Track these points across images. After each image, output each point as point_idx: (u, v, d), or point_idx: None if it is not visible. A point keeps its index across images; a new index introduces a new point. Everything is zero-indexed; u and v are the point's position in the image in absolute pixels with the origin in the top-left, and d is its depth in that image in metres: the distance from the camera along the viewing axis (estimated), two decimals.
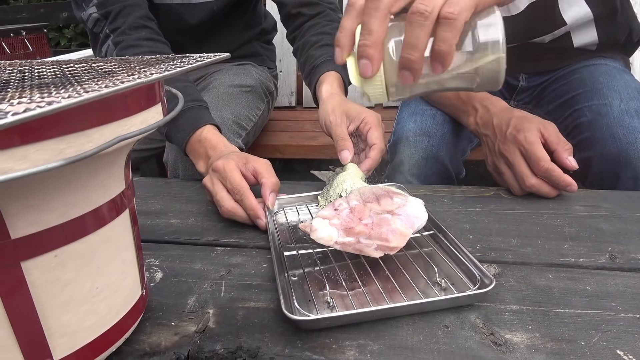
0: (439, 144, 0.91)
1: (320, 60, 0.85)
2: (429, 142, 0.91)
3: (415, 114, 0.95)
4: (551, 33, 0.99)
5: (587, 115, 0.90)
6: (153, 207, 0.71)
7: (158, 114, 0.36)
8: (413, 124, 0.93)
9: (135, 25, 0.85)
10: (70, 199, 0.33)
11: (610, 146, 0.82)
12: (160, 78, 0.32)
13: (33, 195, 0.30)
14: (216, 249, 0.58)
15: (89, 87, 0.28)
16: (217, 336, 0.43)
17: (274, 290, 0.49)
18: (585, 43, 1.03)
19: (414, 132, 0.92)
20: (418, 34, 0.41)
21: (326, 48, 0.88)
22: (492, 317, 0.43)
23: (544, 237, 0.57)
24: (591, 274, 0.50)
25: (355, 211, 0.52)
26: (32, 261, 0.31)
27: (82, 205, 0.34)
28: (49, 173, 0.29)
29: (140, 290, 0.43)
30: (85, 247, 0.35)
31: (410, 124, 0.93)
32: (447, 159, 0.91)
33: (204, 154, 0.72)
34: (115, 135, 0.31)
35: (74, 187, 0.32)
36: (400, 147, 0.93)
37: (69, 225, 0.33)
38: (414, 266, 0.50)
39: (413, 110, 0.96)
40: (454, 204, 0.67)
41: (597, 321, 0.42)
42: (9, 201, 0.29)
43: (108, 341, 0.39)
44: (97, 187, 0.35)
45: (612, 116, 0.85)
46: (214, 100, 0.97)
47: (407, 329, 0.42)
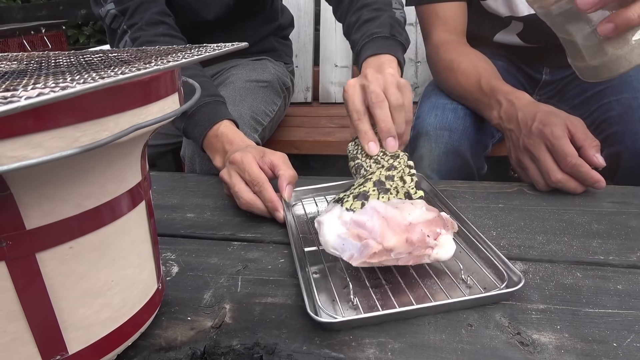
0: (460, 138, 0.88)
1: (361, 44, 0.77)
2: (450, 137, 0.88)
3: (435, 108, 0.92)
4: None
5: (617, 109, 0.86)
6: (169, 202, 0.71)
7: (175, 103, 0.35)
8: (434, 118, 0.91)
9: (153, 21, 0.84)
10: (86, 190, 0.32)
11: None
12: (177, 65, 0.31)
13: (48, 184, 0.29)
14: (232, 243, 0.58)
15: (105, 74, 0.27)
16: (234, 332, 0.42)
17: (291, 285, 0.48)
18: None
19: (435, 126, 0.90)
20: None
21: (365, 26, 0.78)
22: (518, 316, 0.41)
23: (570, 234, 0.55)
24: (622, 272, 0.47)
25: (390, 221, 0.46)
26: (47, 252, 0.31)
27: (98, 196, 0.33)
28: (64, 162, 0.28)
29: (157, 284, 0.42)
30: (101, 239, 0.34)
31: (430, 118, 0.91)
32: (468, 154, 0.89)
33: (221, 149, 0.72)
34: (131, 124, 0.30)
35: (89, 177, 0.32)
36: (420, 141, 0.91)
37: (84, 216, 0.32)
38: (439, 264, 0.48)
39: (433, 104, 0.94)
40: (475, 200, 0.65)
41: (630, 322, 0.40)
42: (24, 190, 0.28)
43: (123, 335, 0.38)
44: (113, 177, 0.34)
45: None
46: (231, 95, 0.97)
47: (429, 327, 0.41)
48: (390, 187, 0.52)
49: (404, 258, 0.44)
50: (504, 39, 1.04)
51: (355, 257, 0.44)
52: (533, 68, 1.09)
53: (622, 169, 0.84)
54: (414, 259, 0.45)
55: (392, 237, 0.44)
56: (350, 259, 0.45)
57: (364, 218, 0.46)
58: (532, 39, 1.00)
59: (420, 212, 0.46)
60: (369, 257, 0.44)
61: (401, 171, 0.55)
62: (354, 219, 0.46)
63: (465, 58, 0.90)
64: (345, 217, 0.47)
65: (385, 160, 0.58)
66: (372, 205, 0.47)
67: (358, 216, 0.46)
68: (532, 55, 1.06)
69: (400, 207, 0.47)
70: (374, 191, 0.52)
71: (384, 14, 0.78)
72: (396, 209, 0.47)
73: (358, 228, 0.45)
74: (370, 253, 0.43)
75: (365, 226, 0.45)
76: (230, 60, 1.15)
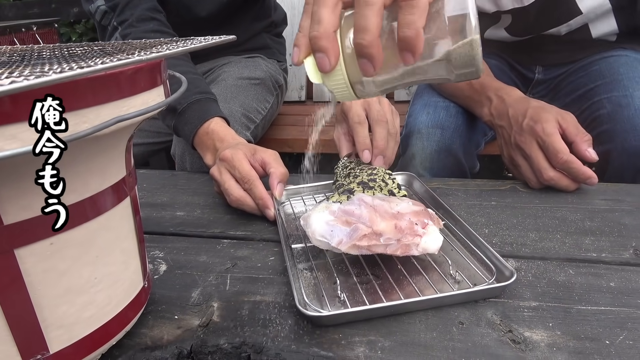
0: (452, 136, 0.88)
1: None
2: (442, 135, 0.88)
3: (427, 106, 0.92)
4: (566, 23, 0.96)
5: (607, 107, 0.87)
6: (159, 199, 0.70)
7: (160, 96, 0.35)
8: (426, 116, 0.91)
9: (143, 17, 0.83)
10: (67, 184, 0.31)
11: (632, 139, 0.79)
12: (160, 57, 0.30)
13: (26, 178, 0.28)
14: (222, 241, 0.57)
15: (85, 65, 0.26)
16: (221, 330, 0.41)
17: (280, 283, 0.47)
18: (604, 33, 0.99)
19: (427, 124, 0.90)
20: (366, 14, 0.36)
21: None
22: (510, 314, 0.41)
23: (563, 231, 0.55)
24: (615, 269, 0.47)
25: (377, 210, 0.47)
26: (27, 249, 0.30)
27: (80, 191, 0.32)
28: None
29: (142, 282, 0.41)
30: (83, 235, 0.33)
31: (422, 116, 0.91)
32: (460, 152, 0.89)
33: (212, 147, 0.71)
34: (113, 116, 0.29)
35: (70, 171, 0.31)
36: (412, 139, 0.90)
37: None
38: (426, 258, 0.48)
39: (426, 102, 0.94)
40: (468, 198, 0.65)
41: (623, 319, 0.40)
42: (1, 184, 0.27)
43: (108, 334, 0.37)
44: (96, 172, 0.33)
45: (633, 107, 0.82)
46: (222, 92, 0.96)
47: (420, 325, 0.40)
48: (374, 186, 0.52)
49: (393, 245, 0.44)
50: (494, 35, 1.04)
51: (344, 242, 0.44)
52: (526, 67, 1.09)
53: (611, 167, 0.84)
54: (402, 248, 0.44)
55: (382, 222, 0.43)
56: (339, 245, 0.44)
57: (352, 207, 0.45)
58: (520, 31, 1.00)
59: (407, 205, 0.46)
60: (358, 240, 0.43)
61: (382, 176, 0.57)
62: (342, 208, 0.46)
63: None
64: (332, 207, 0.47)
65: (364, 171, 0.60)
66: (359, 197, 0.46)
67: (346, 205, 0.46)
68: (524, 51, 1.06)
69: (387, 199, 0.47)
70: (359, 188, 0.52)
71: None
72: (383, 201, 0.46)
73: (347, 215, 0.45)
74: (360, 235, 0.43)
75: (353, 213, 0.45)
76: (222, 58, 1.14)
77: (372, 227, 0.44)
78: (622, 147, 0.82)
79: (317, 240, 0.46)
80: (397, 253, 0.45)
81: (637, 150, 0.79)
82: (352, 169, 0.61)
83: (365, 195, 0.49)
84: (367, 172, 0.59)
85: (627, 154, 0.81)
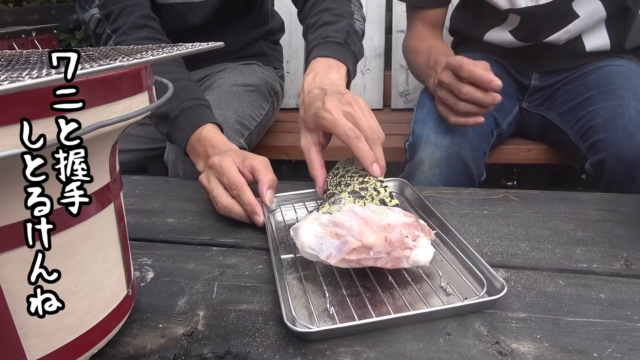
0: (461, 142, 0.88)
1: (313, 44, 0.76)
2: (451, 141, 0.88)
3: (434, 112, 0.92)
4: (565, 29, 0.96)
5: (602, 116, 0.87)
6: (150, 206, 0.70)
7: (143, 102, 0.34)
8: (433, 122, 0.90)
9: (136, 25, 0.83)
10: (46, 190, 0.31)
11: (627, 147, 0.79)
12: (142, 63, 0.30)
13: (3, 184, 0.28)
14: (211, 248, 0.56)
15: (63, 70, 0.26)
16: (206, 339, 0.41)
17: (268, 292, 0.47)
18: (597, 46, 1.00)
19: (435, 130, 0.89)
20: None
21: (321, 29, 0.77)
22: (498, 325, 0.40)
23: (554, 241, 0.54)
24: (605, 280, 0.47)
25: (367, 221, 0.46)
26: (4, 256, 0.30)
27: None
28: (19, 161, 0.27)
29: (126, 289, 0.41)
30: (64, 242, 0.33)
31: (430, 122, 0.91)
32: (469, 159, 0.88)
33: (204, 153, 0.70)
34: (92, 122, 0.29)
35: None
36: (420, 145, 0.90)
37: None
38: (417, 270, 0.47)
39: (431, 109, 0.94)
40: (460, 207, 0.64)
41: (612, 331, 0.39)
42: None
43: (89, 342, 0.37)
44: None
45: (628, 117, 0.82)
46: (216, 98, 0.96)
47: (407, 335, 0.40)
48: (365, 195, 0.52)
49: (383, 259, 0.43)
50: (496, 38, 1.05)
51: (333, 255, 0.43)
52: (523, 73, 1.09)
53: (606, 176, 0.84)
54: (393, 261, 0.44)
55: (371, 235, 0.43)
56: (328, 258, 0.43)
57: (342, 219, 0.45)
58: (525, 35, 1.01)
59: (397, 216, 0.46)
60: (347, 254, 0.43)
61: (373, 184, 0.56)
62: (332, 219, 0.45)
63: (424, 42, 1.01)
64: (322, 219, 0.46)
65: (354, 179, 0.59)
66: (350, 208, 0.46)
67: (335, 217, 0.45)
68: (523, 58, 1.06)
69: (378, 211, 0.46)
70: (349, 198, 0.51)
71: (343, 21, 0.79)
72: (374, 212, 0.46)
73: (336, 227, 0.44)
74: (349, 249, 0.42)
75: (343, 225, 0.44)
76: (218, 65, 1.14)
77: (362, 240, 0.43)
78: (617, 156, 0.82)
79: (307, 252, 0.46)
80: (388, 266, 0.44)
81: (631, 159, 0.79)
82: (343, 176, 0.61)
83: (355, 206, 0.48)
84: (359, 181, 0.58)
85: (621, 162, 0.81)
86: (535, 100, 1.10)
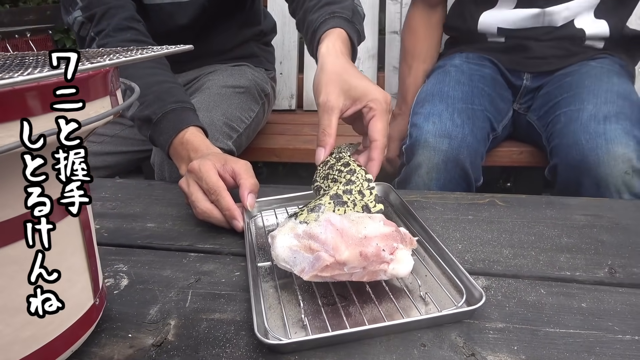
0: (459, 146, 0.87)
1: (320, 20, 0.71)
2: (450, 145, 0.87)
3: (432, 115, 0.91)
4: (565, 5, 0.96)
5: (562, 121, 0.88)
6: (132, 210, 0.68)
7: (104, 108, 0.33)
8: (432, 126, 0.89)
9: (120, 27, 0.82)
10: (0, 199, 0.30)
11: (574, 153, 0.80)
12: (97, 67, 0.29)
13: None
14: (189, 254, 0.55)
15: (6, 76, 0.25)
16: (175, 350, 0.40)
17: (242, 300, 0.46)
18: (596, 34, 0.99)
19: (434, 133, 0.88)
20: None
21: (326, 7, 0.73)
22: (475, 336, 0.39)
23: (538, 248, 0.53)
24: (587, 289, 0.45)
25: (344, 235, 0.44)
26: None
27: (15, 207, 0.31)
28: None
29: (93, 299, 0.39)
30: (19, 252, 0.32)
31: (428, 125, 0.90)
32: (467, 163, 0.87)
33: (187, 157, 0.69)
34: (46, 128, 0.28)
35: (3, 185, 0.29)
36: (418, 149, 0.89)
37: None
38: (396, 280, 0.46)
39: (429, 111, 0.93)
40: (445, 211, 0.63)
41: (591, 342, 0.38)
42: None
43: (51, 353, 0.35)
44: None
45: (579, 122, 0.83)
46: (205, 101, 0.95)
47: (380, 347, 0.39)
48: (347, 200, 0.50)
49: (358, 273, 0.42)
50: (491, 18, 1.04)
51: (306, 271, 0.42)
52: (516, 74, 1.08)
53: (558, 182, 0.85)
54: (369, 275, 0.43)
55: (345, 251, 0.41)
56: (301, 273, 0.42)
57: (317, 230, 0.44)
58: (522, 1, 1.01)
59: (376, 226, 0.44)
60: (320, 271, 0.41)
61: (359, 185, 0.53)
62: (307, 231, 0.44)
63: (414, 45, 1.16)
64: (298, 230, 0.45)
65: (342, 177, 0.56)
66: (327, 217, 0.45)
67: (311, 228, 0.44)
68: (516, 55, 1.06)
69: (356, 220, 0.45)
70: (330, 204, 0.50)
71: (347, 1, 0.75)
72: (352, 222, 0.45)
73: (310, 240, 0.43)
74: (322, 266, 0.41)
75: (317, 238, 0.43)
76: (208, 66, 1.13)
77: (335, 256, 0.41)
78: (565, 161, 0.83)
79: (281, 264, 0.45)
80: (364, 279, 0.43)
81: (577, 164, 0.80)
82: (332, 167, 0.58)
83: (333, 216, 0.46)
84: (346, 179, 0.55)
85: (569, 167, 0.82)
86: (526, 102, 1.09)
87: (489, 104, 0.99)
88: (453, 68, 1.04)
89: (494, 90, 1.02)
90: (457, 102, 0.94)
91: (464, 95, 0.96)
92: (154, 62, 0.79)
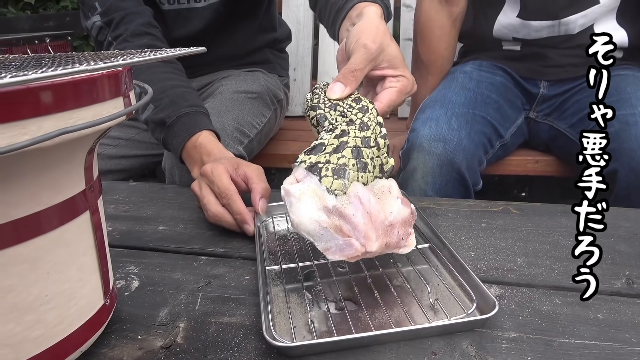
0: (454, 150, 0.86)
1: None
2: (444, 148, 0.86)
3: (430, 120, 0.91)
4: (582, 12, 0.95)
5: (614, 125, 0.84)
6: (144, 213, 0.69)
7: (117, 108, 0.34)
8: (428, 130, 0.89)
9: (137, 33, 0.83)
10: (13, 198, 0.30)
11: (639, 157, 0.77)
12: (111, 67, 0.29)
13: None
14: (200, 258, 0.55)
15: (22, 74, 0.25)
16: (184, 353, 0.39)
17: (252, 305, 0.46)
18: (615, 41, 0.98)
19: (429, 137, 0.88)
20: None
21: None
22: (487, 345, 0.39)
23: (553, 257, 0.52)
24: (604, 300, 0.44)
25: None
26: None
27: (28, 205, 0.31)
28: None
29: (103, 300, 0.40)
30: (32, 250, 0.32)
31: (425, 130, 0.89)
32: (463, 167, 0.87)
33: (199, 160, 0.70)
34: (57, 128, 0.28)
35: (16, 184, 0.30)
36: (413, 153, 0.89)
37: (11, 226, 0.30)
38: (406, 285, 0.46)
39: (428, 116, 0.92)
40: (458, 219, 0.63)
41: (607, 354, 0.37)
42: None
43: (60, 354, 0.36)
44: (47, 186, 0.32)
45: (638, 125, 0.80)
46: (217, 105, 0.95)
47: (390, 354, 0.38)
48: (368, 162, 0.46)
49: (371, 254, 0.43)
50: (506, 22, 1.03)
51: (332, 251, 0.42)
52: (531, 82, 1.07)
53: (618, 188, 0.82)
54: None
55: (375, 242, 0.42)
56: (325, 251, 0.42)
57: (348, 210, 0.42)
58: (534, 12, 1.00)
59: (399, 209, 0.44)
60: (348, 258, 0.41)
61: (373, 132, 0.48)
62: (337, 208, 0.42)
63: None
64: (327, 202, 0.42)
65: (353, 113, 0.50)
66: (356, 193, 0.43)
67: (342, 206, 0.42)
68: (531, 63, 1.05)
69: (381, 197, 0.44)
70: (354, 166, 0.45)
71: None
72: (378, 201, 0.44)
73: (341, 219, 0.42)
74: (353, 256, 0.41)
75: (350, 220, 0.42)
76: (222, 71, 1.14)
77: (366, 247, 0.41)
78: (629, 166, 0.80)
79: (302, 233, 0.43)
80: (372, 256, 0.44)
81: None
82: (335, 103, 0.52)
83: (362, 191, 0.43)
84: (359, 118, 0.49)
85: (634, 173, 0.79)
86: (544, 110, 1.07)
87: (493, 110, 0.98)
88: (462, 74, 1.04)
89: (502, 97, 1.01)
90: (457, 107, 0.93)
91: (467, 100, 0.95)
92: (169, 67, 0.80)
